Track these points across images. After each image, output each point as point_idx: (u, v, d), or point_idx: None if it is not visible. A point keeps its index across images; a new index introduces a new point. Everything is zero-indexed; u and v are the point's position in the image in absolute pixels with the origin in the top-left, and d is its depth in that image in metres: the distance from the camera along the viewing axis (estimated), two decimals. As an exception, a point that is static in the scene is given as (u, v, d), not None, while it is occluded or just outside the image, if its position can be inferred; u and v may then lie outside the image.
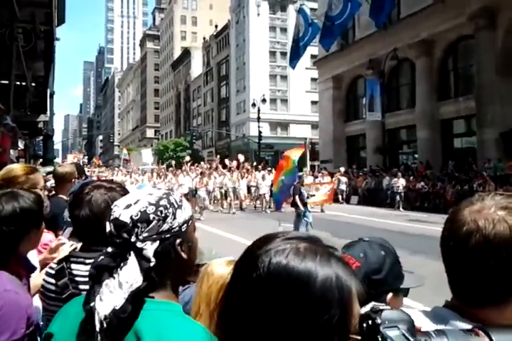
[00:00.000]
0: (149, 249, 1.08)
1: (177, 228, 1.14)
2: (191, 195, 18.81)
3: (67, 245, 2.17)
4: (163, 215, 1.12)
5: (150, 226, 1.10)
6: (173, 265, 1.14)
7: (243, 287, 0.75)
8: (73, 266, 1.66)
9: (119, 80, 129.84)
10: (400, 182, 21.06)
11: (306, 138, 51.78)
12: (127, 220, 1.09)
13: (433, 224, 13.39)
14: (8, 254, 1.80)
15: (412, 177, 22.33)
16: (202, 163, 26.04)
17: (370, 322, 0.72)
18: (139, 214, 1.10)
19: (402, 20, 26.56)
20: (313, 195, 18.40)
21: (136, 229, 1.09)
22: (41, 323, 1.85)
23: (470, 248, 0.88)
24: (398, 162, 28.50)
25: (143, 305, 1.06)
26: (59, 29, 14.00)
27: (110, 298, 1.03)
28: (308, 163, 40.86)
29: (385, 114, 26.96)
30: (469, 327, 0.87)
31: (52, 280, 1.70)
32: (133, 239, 1.08)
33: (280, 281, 0.72)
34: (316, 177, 22.34)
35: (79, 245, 1.90)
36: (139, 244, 1.08)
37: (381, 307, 0.75)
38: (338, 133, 33.34)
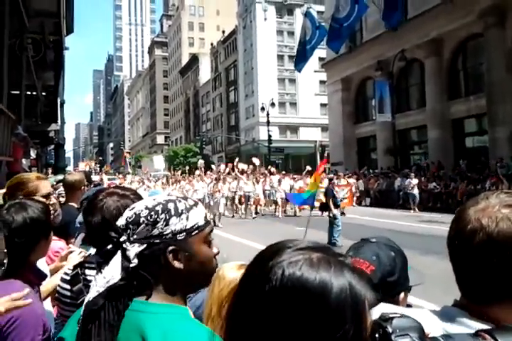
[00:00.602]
0: (132, 250, 1.11)
1: (170, 235, 1.14)
2: (207, 201, 18.61)
3: (76, 253, 2.19)
4: (151, 220, 1.13)
5: (139, 229, 1.13)
6: (164, 272, 1.14)
7: (254, 299, 0.73)
8: (87, 271, 1.67)
9: (129, 88, 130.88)
10: (414, 183, 20.63)
11: (316, 141, 51.81)
12: (123, 221, 1.15)
13: (445, 225, 13.29)
14: (20, 264, 1.83)
15: (423, 178, 22.17)
16: (213, 166, 25.94)
17: (381, 331, 0.71)
18: (133, 216, 1.14)
19: (410, 21, 26.47)
20: (345, 198, 17.86)
21: (128, 231, 1.13)
22: (53, 330, 1.87)
23: (474, 246, 0.90)
24: (410, 163, 28.33)
25: (124, 304, 1.08)
26: (68, 38, 14.17)
27: (92, 291, 1.10)
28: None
29: (395, 114, 26.86)
30: (478, 325, 0.88)
31: (68, 286, 1.71)
32: (122, 239, 1.12)
33: (295, 294, 0.70)
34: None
35: (92, 251, 1.91)
36: (125, 245, 1.12)
37: (391, 315, 0.74)
38: (348, 135, 33.24)
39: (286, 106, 56.63)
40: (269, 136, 38.80)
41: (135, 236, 1.12)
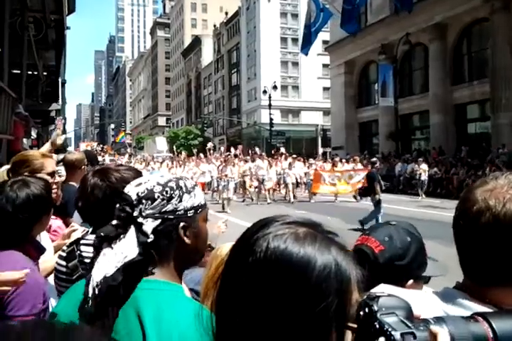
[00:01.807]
0: (148, 225, 1.11)
1: (182, 211, 1.16)
2: (216, 185, 18.02)
3: (79, 231, 2.21)
4: (168, 195, 1.15)
5: (154, 204, 1.13)
6: (175, 247, 1.16)
7: (239, 271, 0.73)
8: (83, 248, 1.69)
9: (130, 69, 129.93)
10: (422, 168, 19.96)
11: (317, 125, 51.64)
12: (134, 196, 1.13)
13: (445, 210, 13.32)
14: (23, 240, 1.87)
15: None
16: (221, 148, 25.38)
17: (366, 309, 0.71)
18: (146, 191, 1.14)
19: (416, 4, 26.10)
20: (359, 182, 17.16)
21: (140, 206, 1.13)
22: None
23: (480, 227, 0.88)
24: (411, 148, 28.29)
25: (139, 279, 1.09)
26: (69, 18, 14.01)
27: (104, 266, 1.07)
28: (320, 149, 40.75)
29: (398, 99, 26.70)
30: (478, 307, 0.88)
31: (64, 263, 1.73)
32: (135, 213, 1.12)
33: (277, 267, 0.70)
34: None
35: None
36: (139, 219, 1.12)
37: (378, 294, 0.74)
38: (350, 119, 33.12)
39: (288, 89, 56.24)
40: (271, 119, 38.65)
41: (148, 211, 1.12)
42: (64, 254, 1.76)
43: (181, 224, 1.15)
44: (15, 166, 2.79)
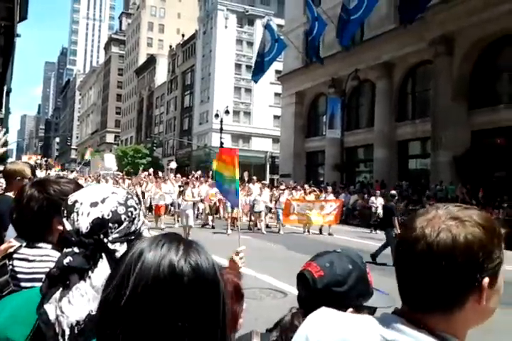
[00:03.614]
0: (121, 250, 1.05)
1: (139, 229, 1.13)
2: (176, 207, 16.80)
3: (16, 247, 2.10)
4: (132, 216, 1.11)
5: (120, 228, 1.08)
6: None
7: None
8: (16, 262, 1.61)
9: (81, 83, 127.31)
10: (379, 202, 19.04)
11: (266, 152, 52.21)
12: (98, 220, 1.05)
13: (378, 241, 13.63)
14: None
15: (366, 195, 22.77)
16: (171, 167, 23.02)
17: None
18: (111, 214, 1.07)
19: (365, 42, 27.32)
20: (329, 215, 16.80)
21: (104, 230, 1.06)
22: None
23: (415, 254, 0.90)
24: (355, 180, 29.03)
25: None
26: (20, 26, 13.65)
27: (82, 302, 0.98)
28: (268, 176, 41.08)
29: (345, 132, 27.50)
30: (413, 332, 0.89)
31: (-7, 278, 1.63)
32: (106, 239, 1.05)
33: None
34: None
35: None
36: (110, 246, 1.05)
37: None
38: (299, 148, 33.74)
39: (240, 114, 56.77)
40: (221, 143, 38.73)
41: (115, 236, 1.06)
42: (-6, 269, 1.66)
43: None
44: None
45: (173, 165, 20.73)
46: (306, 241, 14.20)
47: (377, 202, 19.08)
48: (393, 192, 12.96)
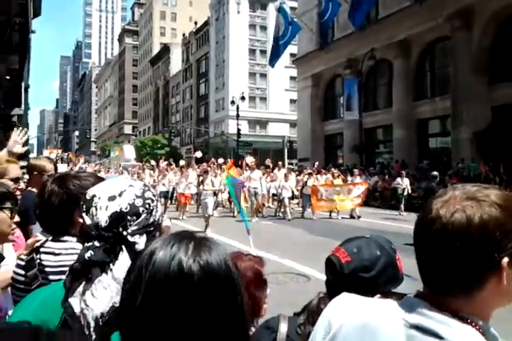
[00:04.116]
0: (141, 242, 1.07)
1: (158, 220, 1.15)
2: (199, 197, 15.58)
3: (42, 241, 2.15)
4: (150, 208, 1.12)
5: (139, 220, 1.09)
6: None
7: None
8: (43, 256, 1.64)
9: (97, 75, 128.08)
10: (405, 183, 18.14)
11: (284, 137, 52.05)
12: (117, 214, 1.07)
13: (407, 223, 13.55)
14: None
15: (387, 177, 22.57)
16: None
17: None
18: (128, 207, 1.08)
19: (380, 21, 26.82)
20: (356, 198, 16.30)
21: (123, 223, 1.08)
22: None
23: (431, 235, 0.90)
24: (375, 161, 28.80)
25: None
26: (35, 21, 13.74)
27: (106, 294, 1.00)
28: (286, 161, 41.03)
29: (363, 113, 27.21)
30: (437, 315, 0.88)
31: (22, 272, 1.68)
32: (125, 232, 1.07)
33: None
34: (333, 176, 17.75)
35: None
36: (130, 238, 1.06)
37: None
38: (316, 131, 33.53)
39: (256, 100, 56.56)
40: (238, 129, 38.72)
41: (134, 228, 1.07)
42: (22, 263, 1.70)
43: (157, 233, 1.14)
44: None
45: (199, 154, 20.06)
46: (331, 226, 14.16)
47: (404, 183, 18.19)
48: (435, 173, 12.27)
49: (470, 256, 0.87)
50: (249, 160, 17.37)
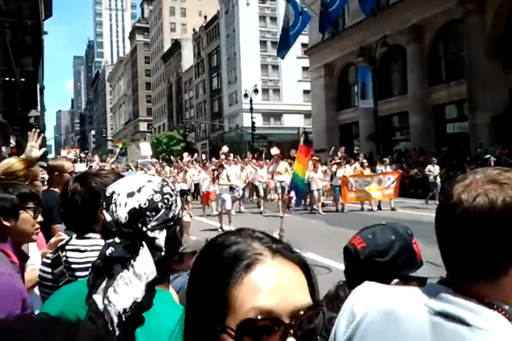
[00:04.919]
0: (161, 238, 1.07)
1: (178, 215, 1.15)
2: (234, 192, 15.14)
3: (67, 239, 2.19)
4: (169, 203, 1.12)
5: (158, 215, 1.09)
6: (175, 252, 1.15)
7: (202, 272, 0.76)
8: (69, 253, 1.68)
9: (110, 74, 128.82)
10: (436, 170, 17.36)
11: (299, 128, 51.84)
12: (136, 210, 1.07)
13: (426, 211, 13.45)
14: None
15: (405, 164, 22.37)
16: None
17: None
18: (147, 202, 1.08)
19: (392, 7, 26.45)
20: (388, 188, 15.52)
21: (142, 218, 1.08)
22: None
23: (453, 220, 0.89)
24: (392, 149, 28.56)
25: (154, 296, 1.05)
26: (47, 23, 13.87)
27: (127, 290, 1.01)
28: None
29: (378, 101, 26.94)
30: (462, 301, 0.87)
31: (49, 269, 1.71)
32: (144, 228, 1.07)
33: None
34: (362, 166, 16.87)
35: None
36: (150, 234, 1.07)
37: None
38: (331, 121, 33.33)
39: (269, 92, 56.38)
40: (253, 123, 38.70)
41: (153, 223, 1.08)
42: (49, 261, 1.73)
43: (177, 227, 1.14)
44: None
45: (225, 148, 18.81)
46: (360, 218, 13.78)
47: (436, 171, 17.25)
48: (488, 156, 10.92)
49: (494, 241, 0.86)
50: (274, 151, 16.51)
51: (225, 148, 18.11)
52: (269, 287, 0.69)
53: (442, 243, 0.94)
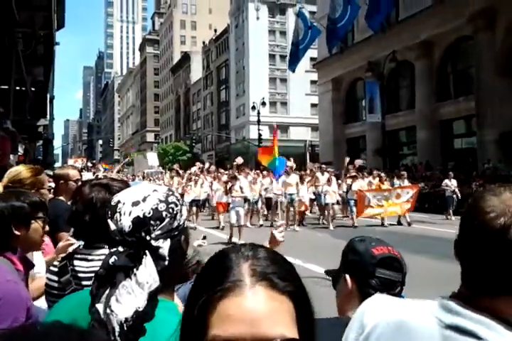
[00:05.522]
0: (165, 247, 1.07)
1: (182, 225, 1.14)
2: (251, 205, 15.20)
3: (76, 245, 2.17)
4: (174, 213, 1.11)
5: (162, 224, 1.08)
6: (180, 262, 1.14)
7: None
8: (76, 262, 1.66)
9: (119, 85, 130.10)
10: (454, 184, 17.01)
11: (306, 141, 51.91)
12: (140, 218, 1.07)
13: (434, 225, 13.35)
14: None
15: (411, 179, 22.21)
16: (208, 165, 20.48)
17: None
18: (151, 211, 1.08)
19: (401, 22, 26.63)
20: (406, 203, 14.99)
21: (146, 227, 1.07)
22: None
23: (508, 240, 0.85)
24: (399, 163, 28.49)
25: (157, 305, 1.04)
26: (58, 34, 14.05)
27: (129, 299, 1.00)
28: (309, 164, 40.85)
29: (385, 115, 26.98)
30: (475, 315, 0.86)
31: (55, 278, 1.70)
32: (148, 237, 1.06)
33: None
34: (380, 180, 16.20)
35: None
36: (153, 243, 1.06)
37: None
38: (338, 135, 33.37)
39: (277, 105, 56.64)
40: (260, 135, 38.79)
41: (157, 232, 1.07)
42: (55, 269, 1.72)
43: (182, 237, 1.13)
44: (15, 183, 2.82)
45: (240, 160, 18.47)
46: (375, 233, 13.61)
47: (453, 185, 16.84)
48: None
49: None
50: (290, 164, 15.47)
51: (239, 159, 17.41)
52: (237, 316, 0.69)
53: (465, 258, 0.92)
